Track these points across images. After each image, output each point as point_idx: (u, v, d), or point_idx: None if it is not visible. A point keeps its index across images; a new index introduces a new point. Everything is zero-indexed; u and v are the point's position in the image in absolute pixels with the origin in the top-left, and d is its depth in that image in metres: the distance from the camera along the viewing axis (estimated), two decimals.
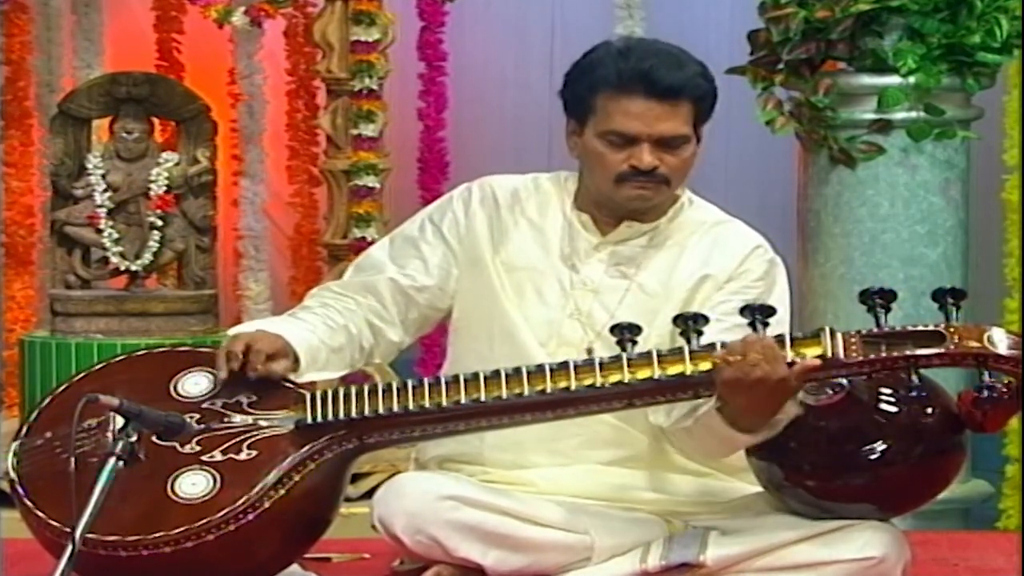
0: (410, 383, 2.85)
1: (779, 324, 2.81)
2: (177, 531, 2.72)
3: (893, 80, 4.72)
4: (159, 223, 5.12)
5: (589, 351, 2.92)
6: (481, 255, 3.04)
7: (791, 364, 2.70)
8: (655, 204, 3.00)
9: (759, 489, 3.01)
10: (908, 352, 2.69)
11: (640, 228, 3.02)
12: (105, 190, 5.12)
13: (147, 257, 5.13)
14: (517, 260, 3.03)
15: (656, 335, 2.91)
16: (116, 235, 5.11)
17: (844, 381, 2.80)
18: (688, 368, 2.74)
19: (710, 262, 3.02)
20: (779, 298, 2.99)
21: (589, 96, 2.96)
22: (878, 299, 2.73)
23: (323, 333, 2.99)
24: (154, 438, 2.79)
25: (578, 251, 3.02)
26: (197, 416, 2.88)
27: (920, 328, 2.72)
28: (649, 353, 2.76)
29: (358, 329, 3.02)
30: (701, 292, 2.99)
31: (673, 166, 2.96)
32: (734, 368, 2.70)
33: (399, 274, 3.06)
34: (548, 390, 2.78)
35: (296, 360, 2.95)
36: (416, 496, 2.89)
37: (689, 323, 2.76)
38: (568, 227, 3.03)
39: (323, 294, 3.10)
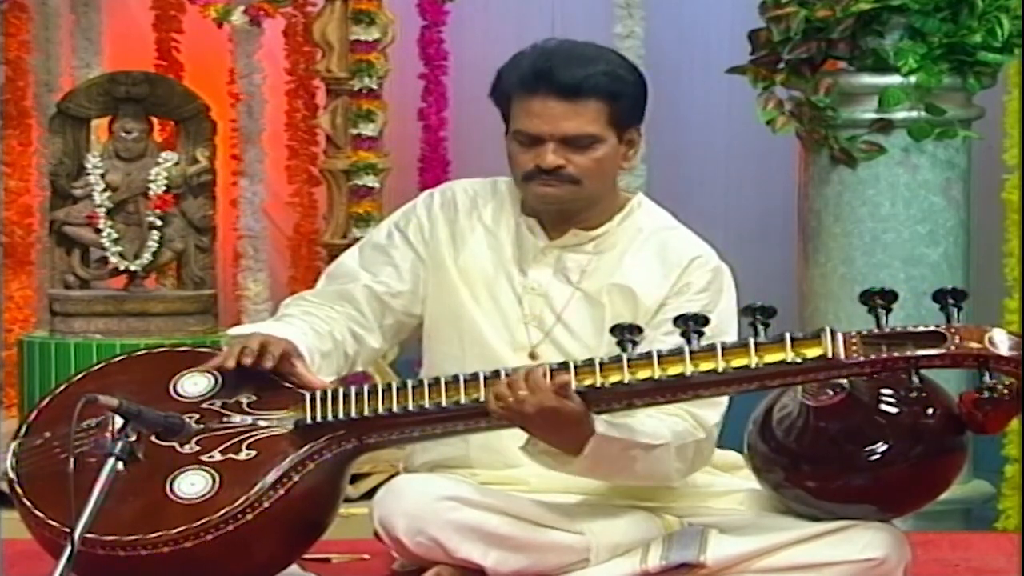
0: (409, 383, 2.85)
1: (721, 334, 2.81)
2: (176, 531, 2.72)
3: (894, 80, 4.72)
4: (158, 223, 5.12)
5: (532, 356, 2.93)
6: (443, 260, 3.06)
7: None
8: (567, 203, 2.98)
9: (755, 485, 3.01)
10: (909, 353, 2.68)
11: (587, 235, 3.02)
12: (104, 190, 5.12)
13: (146, 257, 5.13)
14: (473, 264, 3.05)
15: (608, 341, 2.89)
16: (115, 235, 5.11)
17: (845, 382, 2.79)
18: (688, 368, 2.73)
19: (647, 279, 3.00)
20: (725, 306, 2.98)
21: (504, 98, 3.00)
22: (879, 300, 2.72)
23: (312, 337, 2.99)
24: (153, 438, 2.78)
25: (526, 255, 3.03)
26: (196, 416, 2.87)
27: (921, 329, 2.71)
28: (649, 354, 2.75)
29: (342, 336, 3.03)
30: (637, 308, 2.97)
31: (583, 166, 2.94)
32: (506, 409, 2.73)
33: (373, 281, 3.07)
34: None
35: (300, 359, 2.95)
36: (416, 498, 2.89)
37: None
38: (518, 231, 3.04)
39: (300, 303, 3.10)
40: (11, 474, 2.87)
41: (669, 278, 3.00)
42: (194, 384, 2.94)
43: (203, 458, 2.81)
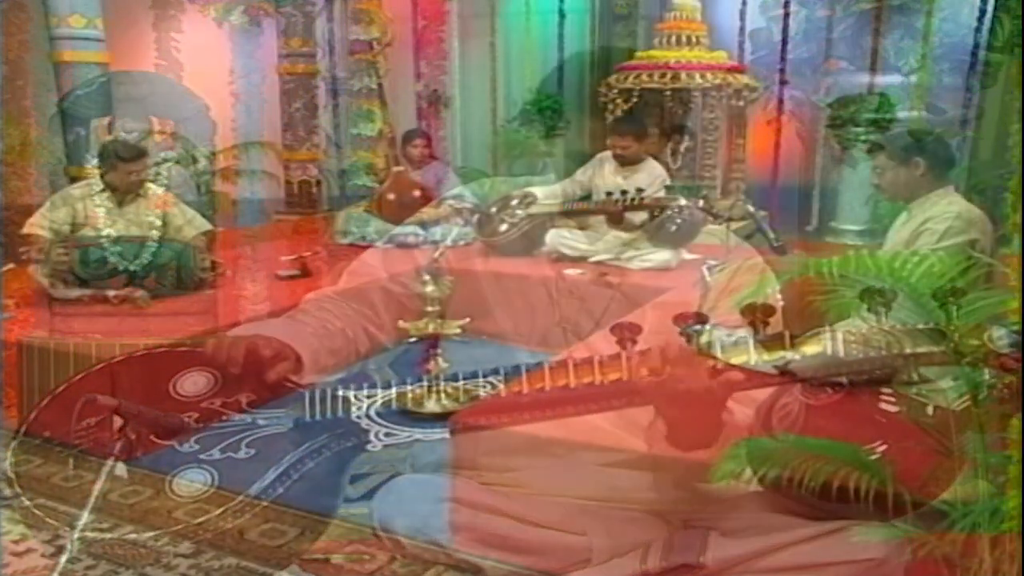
0: (409, 383, 2.85)
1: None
2: (175, 529, 2.72)
3: (894, 79, 4.72)
4: (158, 223, 5.12)
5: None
6: (471, 263, 3.05)
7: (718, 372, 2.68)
8: None
9: (758, 489, 3.01)
10: (908, 350, 2.68)
11: (626, 236, 3.02)
12: (104, 190, 5.12)
13: (146, 257, 5.13)
14: (505, 268, 3.04)
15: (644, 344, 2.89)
16: (115, 235, 5.11)
17: (844, 381, 2.79)
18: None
19: (695, 290, 3.00)
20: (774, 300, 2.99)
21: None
22: (878, 298, 2.72)
23: (322, 336, 2.99)
24: (152, 437, 2.79)
25: (564, 258, 3.04)
26: (196, 415, 2.88)
27: (921, 326, 2.71)
28: (647, 352, 2.75)
29: (354, 333, 3.04)
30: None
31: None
32: (658, 381, 2.70)
33: (392, 282, 3.08)
34: (547, 388, 2.78)
35: (298, 361, 2.95)
36: (416, 498, 2.89)
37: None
38: (555, 234, 3.05)
39: (319, 300, 3.11)
40: (11, 473, 2.87)
41: (721, 278, 3.01)
42: (194, 384, 2.95)
43: (203, 456, 2.82)
